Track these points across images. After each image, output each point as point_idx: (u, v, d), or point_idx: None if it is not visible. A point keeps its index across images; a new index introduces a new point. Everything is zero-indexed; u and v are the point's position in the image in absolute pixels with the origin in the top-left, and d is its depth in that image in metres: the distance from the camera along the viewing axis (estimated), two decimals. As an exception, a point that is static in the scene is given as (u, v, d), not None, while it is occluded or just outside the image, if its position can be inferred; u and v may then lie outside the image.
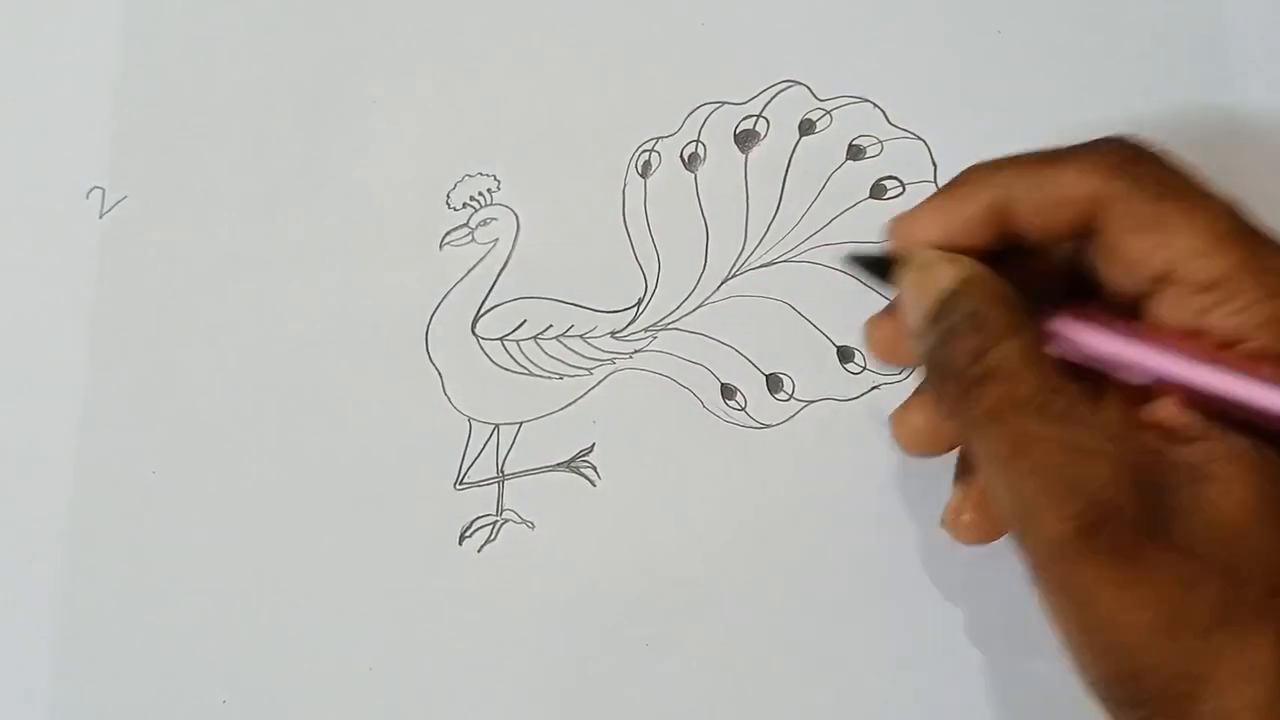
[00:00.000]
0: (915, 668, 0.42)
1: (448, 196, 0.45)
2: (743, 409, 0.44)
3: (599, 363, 0.44)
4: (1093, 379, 0.34)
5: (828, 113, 0.46)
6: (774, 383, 0.44)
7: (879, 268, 0.37)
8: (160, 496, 0.44)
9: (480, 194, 0.45)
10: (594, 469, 0.43)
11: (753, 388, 0.44)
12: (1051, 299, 0.35)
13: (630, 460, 0.43)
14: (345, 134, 0.46)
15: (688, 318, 0.44)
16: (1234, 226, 0.33)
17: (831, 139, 0.45)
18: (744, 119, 0.45)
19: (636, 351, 0.44)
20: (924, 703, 0.42)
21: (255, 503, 0.43)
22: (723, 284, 0.44)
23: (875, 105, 0.46)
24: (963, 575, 0.42)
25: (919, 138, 0.45)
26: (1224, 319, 0.32)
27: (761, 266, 0.44)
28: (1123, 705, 0.32)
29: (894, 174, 0.45)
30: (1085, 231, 0.35)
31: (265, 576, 0.43)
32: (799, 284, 0.44)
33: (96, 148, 0.46)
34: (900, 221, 0.37)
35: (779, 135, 0.45)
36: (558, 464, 0.44)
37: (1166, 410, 0.33)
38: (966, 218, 0.35)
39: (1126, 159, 0.34)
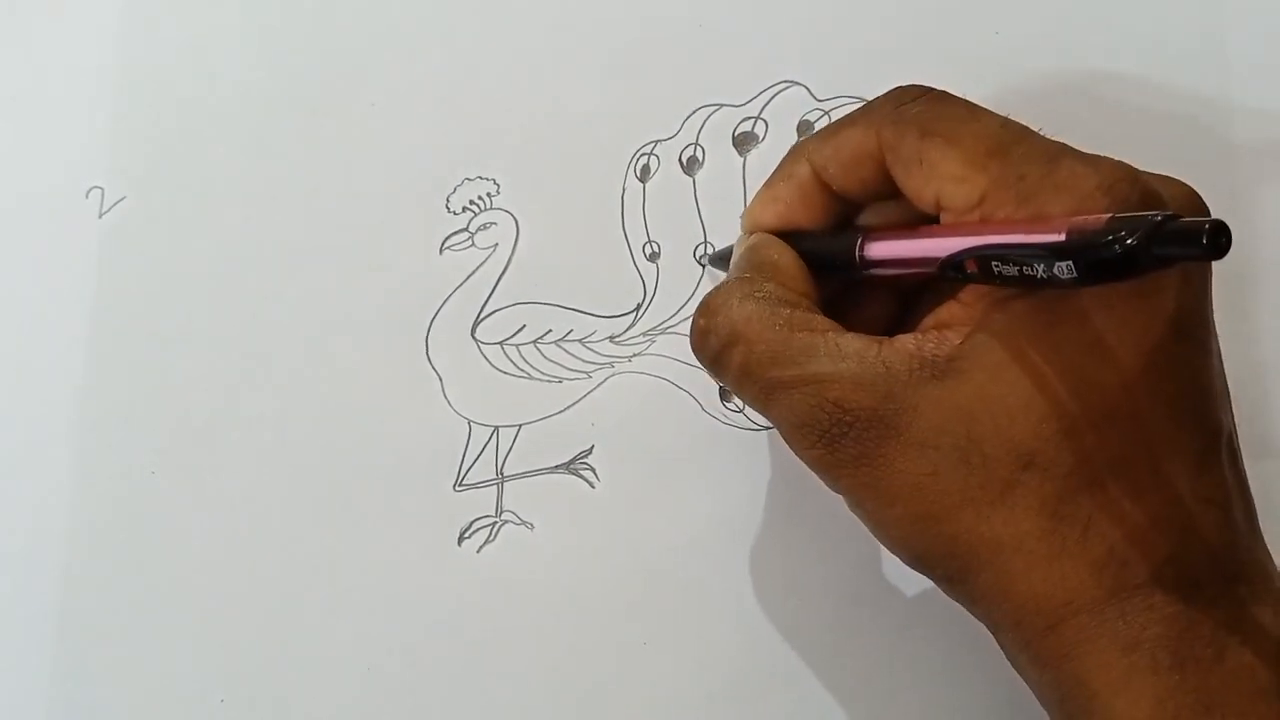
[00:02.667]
0: (914, 667, 0.42)
1: (447, 200, 0.45)
2: (741, 411, 0.44)
3: (598, 366, 0.44)
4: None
5: (826, 114, 0.46)
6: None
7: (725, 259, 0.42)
8: (160, 496, 0.44)
9: (480, 198, 0.45)
10: (593, 471, 0.44)
11: (751, 390, 0.44)
12: None
13: (629, 462, 0.43)
14: (345, 137, 0.46)
15: (687, 322, 0.44)
16: (992, 146, 0.34)
17: (830, 140, 0.45)
18: (743, 121, 0.45)
19: (635, 355, 0.44)
20: (923, 702, 0.42)
21: (255, 503, 0.44)
22: (722, 288, 0.44)
23: (874, 105, 0.46)
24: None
25: (917, 138, 0.45)
26: None
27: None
28: (940, 581, 0.35)
29: (892, 175, 0.45)
30: (887, 182, 0.37)
31: (264, 576, 0.43)
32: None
33: (96, 148, 0.46)
34: (745, 213, 0.40)
35: (778, 137, 0.45)
36: (557, 466, 0.44)
37: (938, 316, 0.36)
38: (794, 197, 0.39)
39: (897, 106, 0.37)
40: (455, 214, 0.45)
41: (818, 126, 0.45)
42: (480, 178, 0.45)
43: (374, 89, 0.46)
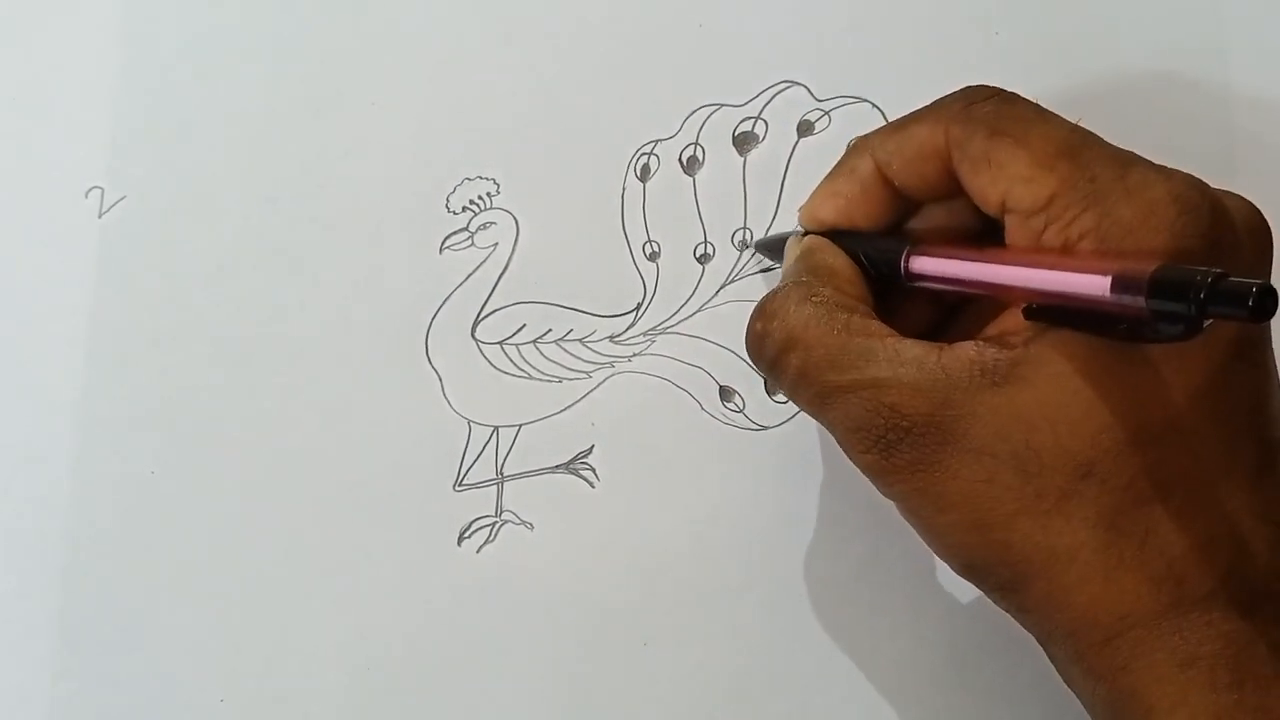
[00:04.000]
0: (914, 667, 0.42)
1: (447, 200, 0.45)
2: (741, 411, 0.44)
3: (598, 366, 0.44)
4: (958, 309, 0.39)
5: (826, 113, 0.46)
6: (772, 385, 0.44)
7: (777, 248, 0.42)
8: (160, 496, 0.44)
9: (480, 198, 0.45)
10: (593, 470, 0.44)
11: (751, 390, 0.44)
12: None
13: (629, 462, 0.43)
14: (345, 136, 0.46)
15: (686, 322, 0.44)
16: (1062, 148, 0.34)
17: (830, 140, 0.45)
18: (743, 121, 0.45)
19: (635, 355, 0.44)
20: (923, 702, 0.42)
21: (254, 503, 0.44)
22: (722, 288, 0.44)
23: (874, 105, 0.46)
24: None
25: (917, 138, 0.45)
26: (1054, 237, 0.34)
27: (761, 271, 0.45)
28: (991, 591, 0.35)
29: (892, 174, 0.45)
30: (951, 181, 0.37)
31: (264, 576, 0.43)
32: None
33: (96, 147, 0.46)
34: (804, 208, 0.40)
35: (778, 137, 0.45)
36: (557, 466, 0.44)
37: (1000, 324, 0.36)
38: (854, 192, 0.39)
39: (967, 105, 0.36)
40: (455, 214, 0.45)
41: (818, 127, 0.45)
42: (480, 177, 0.45)
43: (374, 89, 0.46)
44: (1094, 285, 0.31)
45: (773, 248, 0.43)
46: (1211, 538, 0.33)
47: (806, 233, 0.40)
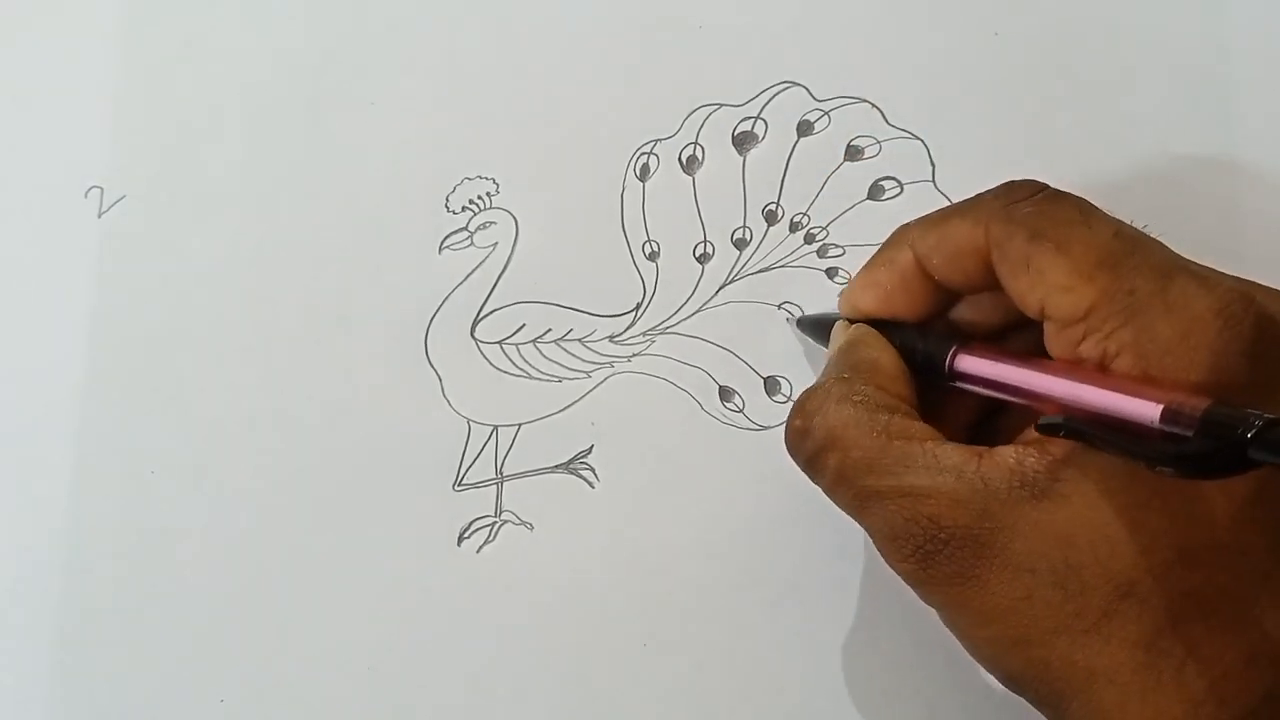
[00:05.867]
0: (914, 667, 0.42)
1: (447, 200, 0.45)
2: (741, 411, 0.44)
3: (597, 366, 0.44)
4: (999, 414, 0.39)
5: (826, 113, 0.45)
6: (772, 385, 0.44)
7: (821, 328, 0.42)
8: (160, 496, 0.44)
9: (479, 197, 0.45)
10: (592, 470, 0.44)
11: (751, 390, 0.44)
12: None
13: (629, 462, 0.43)
14: (344, 136, 0.46)
15: (686, 322, 0.44)
16: (1103, 257, 0.33)
17: (830, 140, 0.45)
18: (742, 120, 0.45)
19: (635, 355, 0.44)
20: (923, 702, 0.42)
21: (254, 503, 0.44)
22: (721, 288, 0.44)
23: (873, 105, 0.46)
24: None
25: (917, 138, 0.45)
26: (1092, 349, 0.33)
27: (760, 271, 0.45)
28: (1024, 698, 0.35)
29: (892, 174, 0.45)
30: (990, 278, 0.36)
31: (264, 576, 0.43)
32: (797, 287, 0.44)
33: (95, 147, 0.46)
34: (844, 296, 0.40)
35: (777, 136, 0.45)
36: (556, 465, 0.44)
37: (1034, 432, 0.34)
38: (894, 283, 0.38)
39: (1010, 203, 0.35)
40: (455, 213, 0.45)
41: (817, 127, 0.45)
42: (480, 177, 0.45)
43: (374, 89, 0.46)
44: (1143, 412, 0.31)
45: (817, 327, 0.43)
46: (1253, 656, 0.32)
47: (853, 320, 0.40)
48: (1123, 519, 0.32)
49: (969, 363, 0.37)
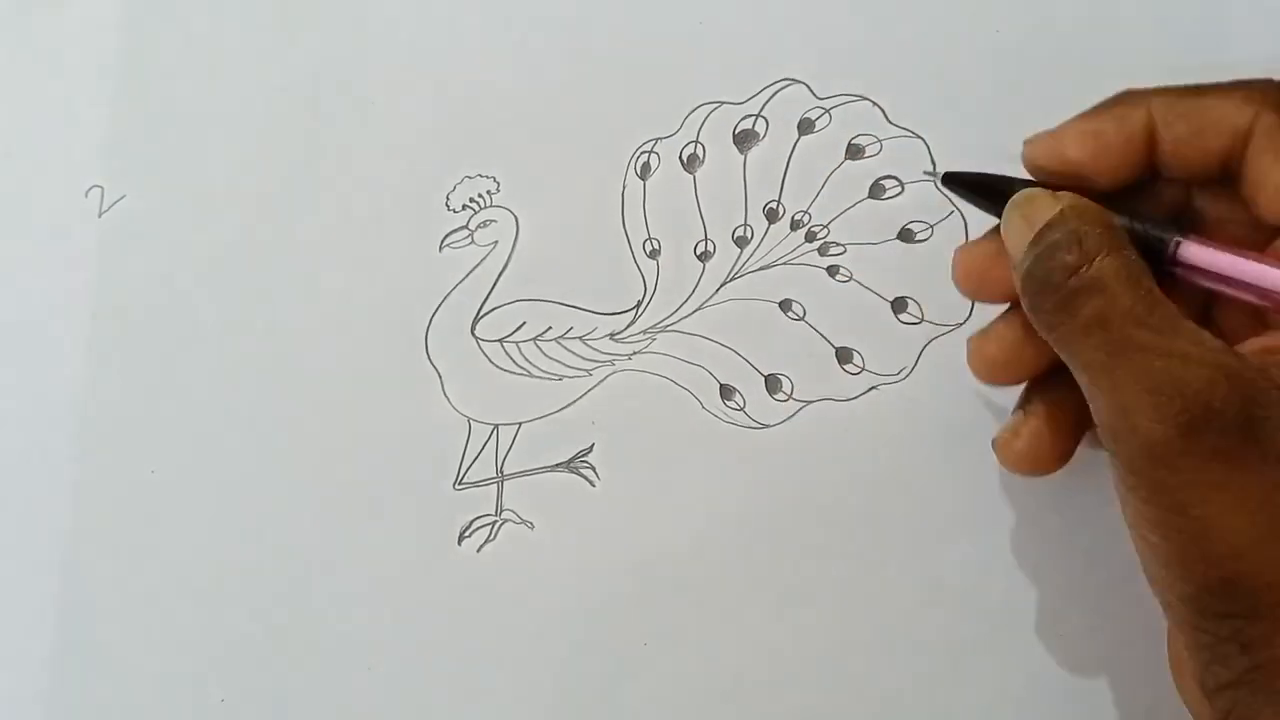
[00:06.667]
0: (914, 666, 0.42)
1: (447, 198, 0.45)
2: (741, 409, 0.44)
3: (598, 364, 0.44)
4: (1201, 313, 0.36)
5: (827, 111, 0.45)
6: (773, 383, 0.44)
7: (981, 190, 0.37)
8: (160, 496, 0.44)
9: (480, 195, 0.45)
10: (593, 469, 0.43)
11: (752, 388, 0.44)
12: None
13: (629, 461, 0.43)
14: (345, 135, 0.46)
15: (686, 320, 0.44)
16: None
17: (831, 138, 0.45)
18: (743, 119, 0.45)
19: (636, 354, 0.44)
20: (923, 702, 0.42)
21: (254, 503, 0.44)
22: (722, 286, 0.44)
23: (874, 104, 0.46)
24: (961, 575, 0.42)
25: (918, 136, 0.45)
26: None
27: (761, 269, 0.44)
28: (1216, 617, 0.32)
29: (893, 173, 0.45)
30: (1228, 166, 0.34)
31: (264, 576, 0.43)
32: (798, 286, 0.44)
33: (95, 147, 0.46)
34: (1042, 142, 0.36)
35: (778, 135, 0.45)
36: (557, 464, 0.44)
37: (1268, 340, 0.33)
38: (1116, 143, 0.35)
39: None
40: (455, 211, 0.45)
41: (818, 124, 0.45)
42: (480, 175, 0.45)
43: (374, 88, 0.46)
44: None
45: (976, 188, 0.38)
46: None
47: (1023, 184, 0.37)
48: None
49: (1196, 251, 0.34)
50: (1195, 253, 0.34)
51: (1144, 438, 0.31)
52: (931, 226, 0.44)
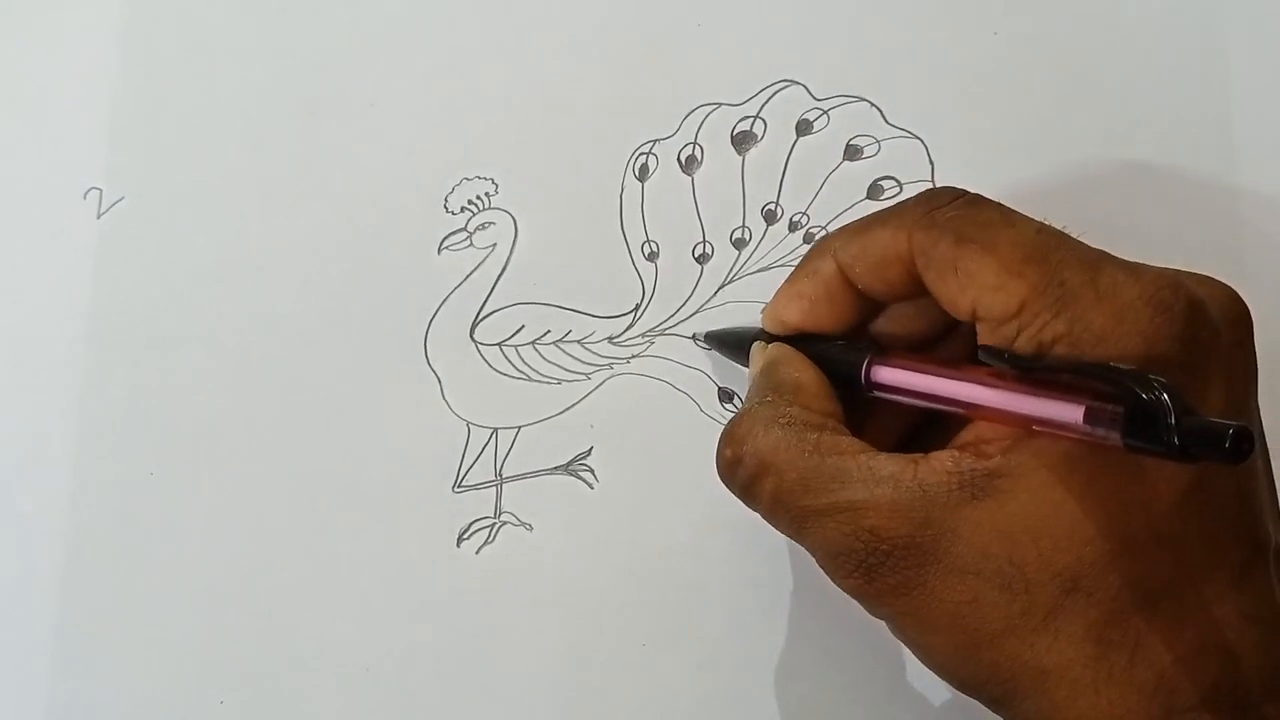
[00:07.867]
0: (914, 666, 0.42)
1: (445, 200, 0.45)
2: (740, 411, 0.44)
3: (597, 368, 0.44)
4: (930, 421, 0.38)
5: (825, 112, 0.45)
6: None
7: (728, 343, 0.43)
8: (158, 497, 0.44)
9: (478, 198, 0.45)
10: (592, 472, 0.44)
11: (750, 390, 0.44)
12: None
13: (628, 463, 0.43)
14: (343, 137, 0.46)
15: (685, 322, 0.44)
16: (1030, 253, 0.33)
17: (829, 139, 0.45)
18: (741, 120, 0.45)
19: (634, 357, 0.44)
20: (922, 702, 0.42)
21: (254, 505, 0.44)
22: (721, 288, 0.44)
23: (872, 104, 0.46)
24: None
25: (916, 137, 0.45)
26: (1027, 344, 0.33)
27: (759, 271, 0.44)
28: (978, 700, 0.34)
29: (891, 174, 0.45)
30: (915, 283, 0.36)
31: (263, 577, 0.43)
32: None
33: (94, 148, 0.46)
34: (767, 311, 0.40)
35: (776, 136, 0.45)
36: (556, 467, 0.44)
37: (976, 430, 0.34)
38: (818, 294, 0.38)
39: (930, 210, 0.35)
40: (453, 214, 0.45)
41: (816, 126, 0.45)
42: (479, 177, 0.45)
43: (374, 89, 0.46)
44: (1067, 413, 0.31)
45: (726, 343, 0.43)
46: (1201, 645, 0.32)
47: (770, 339, 0.40)
48: (1064, 514, 0.32)
49: (885, 373, 0.36)
50: (883, 374, 0.36)
51: (846, 590, 0.35)
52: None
